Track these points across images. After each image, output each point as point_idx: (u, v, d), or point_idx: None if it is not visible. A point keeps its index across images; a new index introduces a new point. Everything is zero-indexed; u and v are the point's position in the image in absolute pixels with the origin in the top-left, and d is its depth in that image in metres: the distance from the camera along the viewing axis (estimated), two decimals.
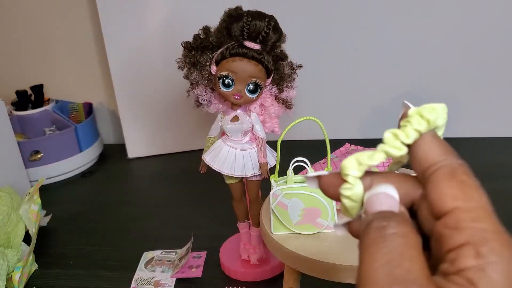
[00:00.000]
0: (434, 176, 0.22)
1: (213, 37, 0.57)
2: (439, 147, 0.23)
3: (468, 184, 0.22)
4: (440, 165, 0.22)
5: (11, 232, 0.76)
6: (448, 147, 0.23)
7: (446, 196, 0.21)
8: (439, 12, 1.02)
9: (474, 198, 0.21)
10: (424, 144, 0.23)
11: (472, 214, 0.21)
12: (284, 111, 0.64)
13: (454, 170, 0.22)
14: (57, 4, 1.17)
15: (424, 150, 0.23)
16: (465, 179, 0.22)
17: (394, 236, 0.21)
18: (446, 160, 0.23)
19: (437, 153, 0.23)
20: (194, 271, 0.73)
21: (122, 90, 1.13)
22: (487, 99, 1.07)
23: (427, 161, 0.23)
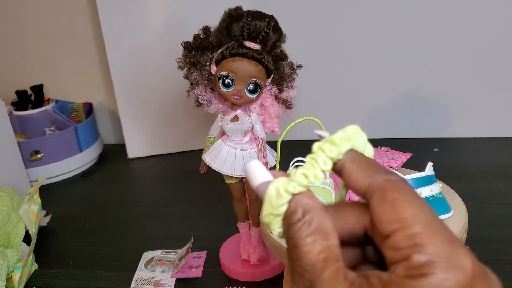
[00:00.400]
0: (370, 203, 0.22)
1: (213, 37, 0.57)
2: (361, 173, 0.23)
3: (399, 201, 0.21)
4: (371, 191, 0.22)
5: (11, 232, 0.76)
6: (370, 167, 0.23)
7: (383, 222, 0.21)
8: (439, 12, 1.02)
9: (409, 215, 0.21)
10: (348, 175, 0.23)
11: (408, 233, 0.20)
12: (284, 111, 0.64)
13: (382, 192, 0.22)
14: (57, 4, 1.17)
15: (351, 181, 0.23)
16: (394, 197, 0.21)
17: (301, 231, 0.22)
18: (374, 183, 0.22)
19: (362, 180, 0.23)
20: (194, 271, 0.73)
21: (122, 90, 1.13)
22: (487, 99, 1.07)
23: (359, 190, 0.23)
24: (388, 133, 1.14)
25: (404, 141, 1.11)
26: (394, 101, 1.12)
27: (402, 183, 0.22)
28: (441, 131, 1.12)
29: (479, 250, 0.70)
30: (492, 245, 0.72)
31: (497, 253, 0.70)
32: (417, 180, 0.55)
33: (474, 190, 0.87)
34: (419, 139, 1.12)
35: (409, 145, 1.05)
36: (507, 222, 0.78)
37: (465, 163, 1.00)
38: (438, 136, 1.12)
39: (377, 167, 0.23)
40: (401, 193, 0.21)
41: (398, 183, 0.22)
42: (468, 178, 0.93)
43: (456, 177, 0.90)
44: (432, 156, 1.02)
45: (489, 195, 0.86)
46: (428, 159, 0.58)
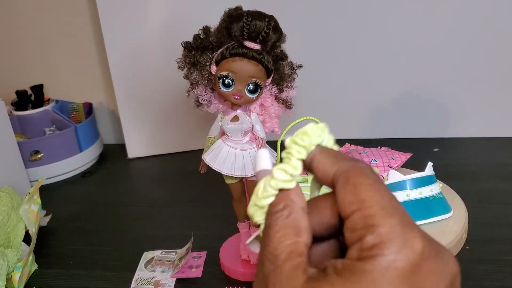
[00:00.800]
0: (335, 188, 0.24)
1: (213, 37, 0.57)
2: (329, 160, 0.24)
3: (360, 184, 0.22)
4: (337, 176, 0.24)
5: (11, 232, 0.76)
6: (336, 155, 0.25)
7: (344, 203, 0.22)
8: (440, 12, 1.02)
9: (367, 197, 0.22)
10: (317, 165, 0.25)
11: (365, 213, 0.21)
12: (284, 111, 0.64)
13: (346, 175, 0.23)
14: (57, 4, 1.17)
15: (319, 170, 0.25)
16: (357, 180, 0.22)
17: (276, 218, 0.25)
18: (339, 169, 0.24)
19: (329, 166, 0.24)
20: (194, 271, 0.73)
21: (122, 90, 1.13)
22: (487, 99, 1.07)
23: (327, 177, 0.24)
24: (388, 133, 1.14)
25: (404, 141, 1.11)
26: (394, 101, 1.12)
27: (367, 169, 0.23)
28: (441, 131, 1.12)
29: (479, 250, 0.70)
30: (493, 245, 0.72)
31: (497, 253, 0.70)
32: (417, 180, 0.55)
33: (474, 190, 0.87)
34: (419, 139, 1.12)
35: (409, 145, 1.05)
36: (508, 222, 0.78)
37: (465, 163, 1.00)
38: (438, 136, 1.12)
39: (344, 156, 0.24)
40: (363, 177, 0.23)
41: (363, 169, 0.23)
42: (468, 178, 0.93)
43: (456, 177, 0.90)
44: (432, 156, 1.02)
45: (489, 195, 0.86)
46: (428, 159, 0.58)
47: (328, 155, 0.25)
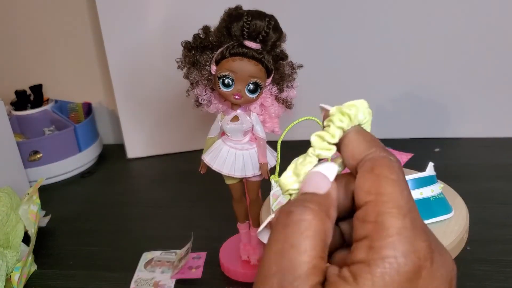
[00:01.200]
0: (359, 171, 0.23)
1: (213, 36, 0.57)
2: (363, 143, 0.23)
3: (384, 177, 0.21)
4: (364, 161, 0.23)
5: (10, 232, 0.75)
6: (373, 141, 0.24)
7: (362, 190, 0.22)
8: (440, 12, 1.01)
9: (386, 192, 0.21)
10: (348, 142, 0.24)
11: (379, 208, 0.21)
12: (284, 111, 0.64)
13: (374, 163, 0.22)
14: (56, 3, 1.17)
15: (349, 148, 0.24)
16: (382, 172, 0.22)
17: (295, 223, 0.21)
18: (369, 155, 0.23)
19: (361, 149, 0.23)
20: (194, 271, 0.73)
21: (122, 90, 1.13)
22: (487, 99, 1.07)
23: (354, 158, 0.23)
24: (388, 133, 1.14)
25: (404, 141, 1.11)
26: (394, 101, 1.12)
27: (396, 164, 0.22)
28: (442, 131, 1.12)
29: (480, 250, 0.70)
30: (494, 245, 0.72)
31: (498, 254, 0.70)
32: (418, 181, 0.54)
33: (475, 190, 0.87)
34: (420, 139, 1.12)
35: (409, 145, 1.05)
36: (509, 222, 0.77)
37: (466, 163, 0.99)
38: (439, 136, 1.12)
39: (379, 143, 0.24)
40: (389, 171, 0.22)
41: (392, 162, 0.22)
42: (469, 178, 0.92)
43: (457, 177, 0.90)
44: (432, 156, 1.02)
45: (490, 195, 0.86)
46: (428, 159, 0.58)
47: (364, 138, 0.24)
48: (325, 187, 0.23)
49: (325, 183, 0.23)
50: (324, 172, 0.23)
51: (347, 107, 0.24)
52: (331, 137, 0.24)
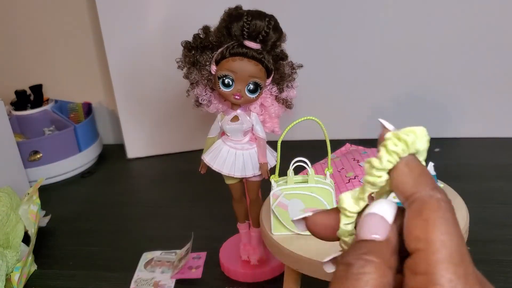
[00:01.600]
0: (406, 212, 0.21)
1: (213, 36, 0.57)
2: (411, 177, 0.22)
3: (432, 222, 0.20)
4: (412, 199, 0.21)
5: (10, 232, 0.75)
6: (422, 176, 0.22)
7: (411, 236, 0.21)
8: (440, 13, 1.01)
9: (436, 240, 0.20)
10: (396, 174, 0.22)
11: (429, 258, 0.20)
12: (284, 111, 0.64)
13: (422, 206, 0.21)
14: (56, 4, 1.17)
15: (398, 181, 0.22)
16: (430, 216, 0.21)
17: (355, 279, 0.20)
18: (417, 194, 0.21)
19: (409, 185, 0.22)
20: (194, 271, 0.73)
21: (122, 90, 1.13)
22: (487, 99, 1.07)
23: (402, 193, 0.22)
24: None
25: None
26: (394, 101, 1.12)
27: (444, 204, 0.21)
28: (442, 131, 1.12)
29: (480, 250, 0.70)
30: (494, 245, 0.72)
31: (498, 254, 0.70)
32: None
33: (475, 190, 0.87)
34: None
35: None
36: (508, 222, 0.77)
37: (466, 163, 0.99)
38: (439, 136, 1.12)
39: (428, 179, 0.22)
40: (438, 213, 0.21)
41: (440, 203, 0.21)
42: (469, 178, 0.92)
43: (457, 177, 0.90)
44: (433, 156, 1.02)
45: (490, 195, 0.86)
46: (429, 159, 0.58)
47: (412, 171, 0.22)
48: (384, 232, 0.21)
49: (383, 227, 0.21)
50: (381, 213, 0.21)
51: (405, 132, 0.22)
52: (379, 162, 0.22)
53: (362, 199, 0.22)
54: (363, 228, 0.21)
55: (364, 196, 0.22)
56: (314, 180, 0.53)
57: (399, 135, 0.22)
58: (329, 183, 0.54)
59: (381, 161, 0.22)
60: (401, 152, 0.22)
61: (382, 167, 0.22)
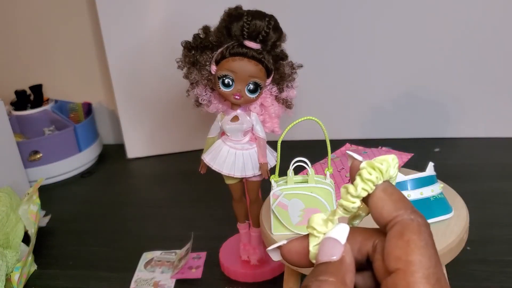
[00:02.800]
0: (388, 234, 0.23)
1: (213, 36, 0.57)
2: (391, 202, 0.23)
3: (413, 244, 0.22)
4: (393, 223, 0.23)
5: (10, 232, 0.75)
6: (401, 200, 0.23)
7: (391, 256, 0.22)
8: (440, 12, 1.01)
9: (416, 260, 0.21)
10: (376, 200, 0.24)
11: (408, 278, 0.21)
12: (284, 111, 0.64)
13: (403, 228, 0.22)
14: (56, 4, 1.17)
15: (377, 207, 0.24)
16: (411, 238, 0.22)
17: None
18: (398, 217, 0.23)
19: (389, 209, 0.23)
20: (194, 272, 0.73)
21: (122, 90, 1.13)
22: (487, 99, 1.07)
23: (382, 218, 0.23)
24: (388, 133, 1.14)
25: (404, 141, 1.11)
26: (394, 101, 1.12)
27: (424, 228, 0.23)
28: (442, 131, 1.12)
29: (480, 250, 0.70)
30: (494, 245, 0.72)
31: (498, 254, 0.70)
32: (418, 181, 0.54)
33: (475, 190, 0.87)
34: (420, 139, 1.12)
35: (409, 145, 1.05)
36: (509, 222, 0.77)
37: (466, 163, 0.99)
38: (439, 136, 1.12)
39: (407, 203, 0.23)
40: (418, 236, 0.22)
41: (420, 227, 0.22)
42: (469, 178, 0.92)
43: (457, 177, 0.90)
44: (433, 156, 1.02)
45: (490, 195, 0.86)
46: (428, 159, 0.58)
47: (391, 197, 0.24)
48: (338, 253, 0.23)
49: (337, 249, 0.23)
50: (336, 236, 0.23)
51: (378, 161, 0.24)
52: (354, 190, 0.23)
53: (331, 220, 0.24)
54: (320, 253, 0.23)
55: (333, 218, 0.24)
56: (314, 180, 0.53)
57: (373, 164, 0.24)
58: (329, 183, 0.54)
59: (356, 189, 0.23)
60: (375, 180, 0.23)
61: (357, 194, 0.23)
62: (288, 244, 0.25)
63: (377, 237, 0.24)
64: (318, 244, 0.24)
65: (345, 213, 0.24)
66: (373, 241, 0.24)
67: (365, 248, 0.24)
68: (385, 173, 0.24)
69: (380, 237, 0.24)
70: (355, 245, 0.24)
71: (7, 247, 0.74)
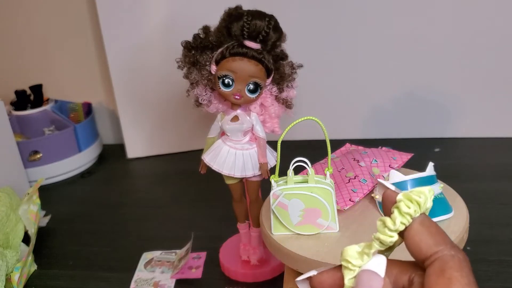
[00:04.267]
0: (427, 270, 0.22)
1: (213, 36, 0.57)
2: (430, 237, 0.23)
3: (456, 281, 0.21)
4: (433, 258, 0.22)
5: (10, 232, 0.75)
6: (439, 233, 0.23)
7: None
8: (440, 12, 1.01)
9: None
10: (414, 234, 0.23)
11: None
12: (284, 111, 0.64)
13: (444, 265, 0.22)
14: (56, 4, 1.17)
15: (415, 242, 0.23)
16: (453, 275, 0.21)
17: None
18: (438, 253, 0.22)
19: (429, 244, 0.23)
20: (194, 272, 0.73)
21: (122, 90, 1.13)
22: (487, 99, 1.07)
23: (421, 253, 0.23)
24: (388, 133, 1.14)
25: (404, 141, 1.11)
26: (394, 101, 1.12)
27: (465, 264, 0.22)
28: (442, 131, 1.12)
29: (480, 250, 0.70)
30: (494, 245, 0.72)
31: (499, 254, 0.70)
32: (418, 181, 0.54)
33: (475, 190, 0.87)
34: (420, 139, 1.12)
35: (409, 145, 1.05)
36: (509, 222, 0.77)
37: (466, 163, 0.99)
38: (439, 136, 1.12)
39: (445, 237, 0.23)
40: (460, 273, 0.22)
41: (462, 263, 0.22)
42: (469, 178, 0.92)
43: (457, 177, 0.90)
44: (433, 156, 1.02)
45: (490, 195, 0.86)
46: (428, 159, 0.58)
47: (430, 230, 0.23)
48: (378, 286, 0.23)
49: (377, 282, 0.23)
50: (374, 269, 0.23)
51: (416, 193, 0.23)
52: (392, 224, 0.23)
53: (367, 254, 0.23)
54: (359, 285, 0.23)
55: (370, 251, 0.23)
56: (314, 180, 0.53)
57: (411, 197, 0.23)
58: (329, 183, 0.54)
59: (394, 223, 0.23)
60: (413, 213, 0.23)
61: (395, 228, 0.23)
62: (319, 276, 0.25)
63: (413, 271, 0.23)
64: (354, 277, 0.23)
65: (381, 246, 0.23)
66: (409, 275, 0.23)
67: (400, 281, 0.24)
68: (423, 206, 0.23)
69: (416, 271, 0.23)
70: (391, 277, 0.24)
71: (7, 247, 0.74)
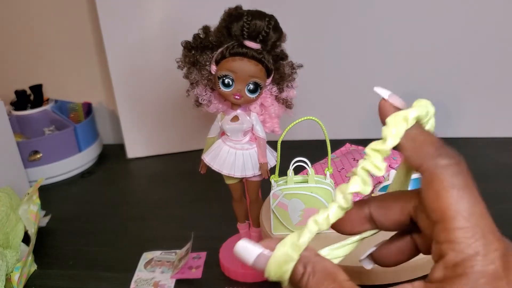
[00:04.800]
0: (421, 185, 0.22)
1: (212, 36, 0.57)
2: (414, 151, 0.23)
3: (442, 191, 0.21)
4: (421, 171, 0.22)
5: (10, 232, 0.75)
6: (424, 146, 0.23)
7: (428, 211, 0.21)
8: (440, 12, 1.01)
9: (448, 207, 0.21)
10: (401, 151, 0.24)
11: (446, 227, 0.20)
12: (285, 111, 0.64)
13: (430, 177, 0.22)
14: (56, 3, 1.17)
15: (405, 157, 0.23)
16: (439, 186, 0.21)
17: None
18: (424, 165, 0.22)
19: (414, 159, 0.23)
20: (194, 271, 0.73)
21: (122, 90, 1.13)
22: (487, 99, 1.07)
23: (413, 167, 0.23)
24: None
25: None
26: None
27: (451, 169, 0.22)
28: (442, 131, 1.11)
29: None
30: None
31: None
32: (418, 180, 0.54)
33: None
34: None
35: None
36: (509, 222, 0.77)
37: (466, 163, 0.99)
38: (439, 136, 1.12)
39: (429, 148, 0.23)
40: (446, 182, 0.21)
41: (447, 169, 0.22)
42: None
43: None
44: None
45: (490, 195, 0.85)
46: None
47: (413, 144, 0.23)
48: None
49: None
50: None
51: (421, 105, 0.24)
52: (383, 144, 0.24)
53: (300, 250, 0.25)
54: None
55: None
56: (314, 180, 0.53)
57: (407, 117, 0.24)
58: (329, 183, 0.54)
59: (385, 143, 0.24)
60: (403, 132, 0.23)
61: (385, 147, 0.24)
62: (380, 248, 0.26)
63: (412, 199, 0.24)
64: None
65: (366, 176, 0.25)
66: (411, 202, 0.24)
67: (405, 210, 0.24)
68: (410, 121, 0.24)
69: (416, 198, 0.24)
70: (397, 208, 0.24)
71: (7, 247, 0.74)
